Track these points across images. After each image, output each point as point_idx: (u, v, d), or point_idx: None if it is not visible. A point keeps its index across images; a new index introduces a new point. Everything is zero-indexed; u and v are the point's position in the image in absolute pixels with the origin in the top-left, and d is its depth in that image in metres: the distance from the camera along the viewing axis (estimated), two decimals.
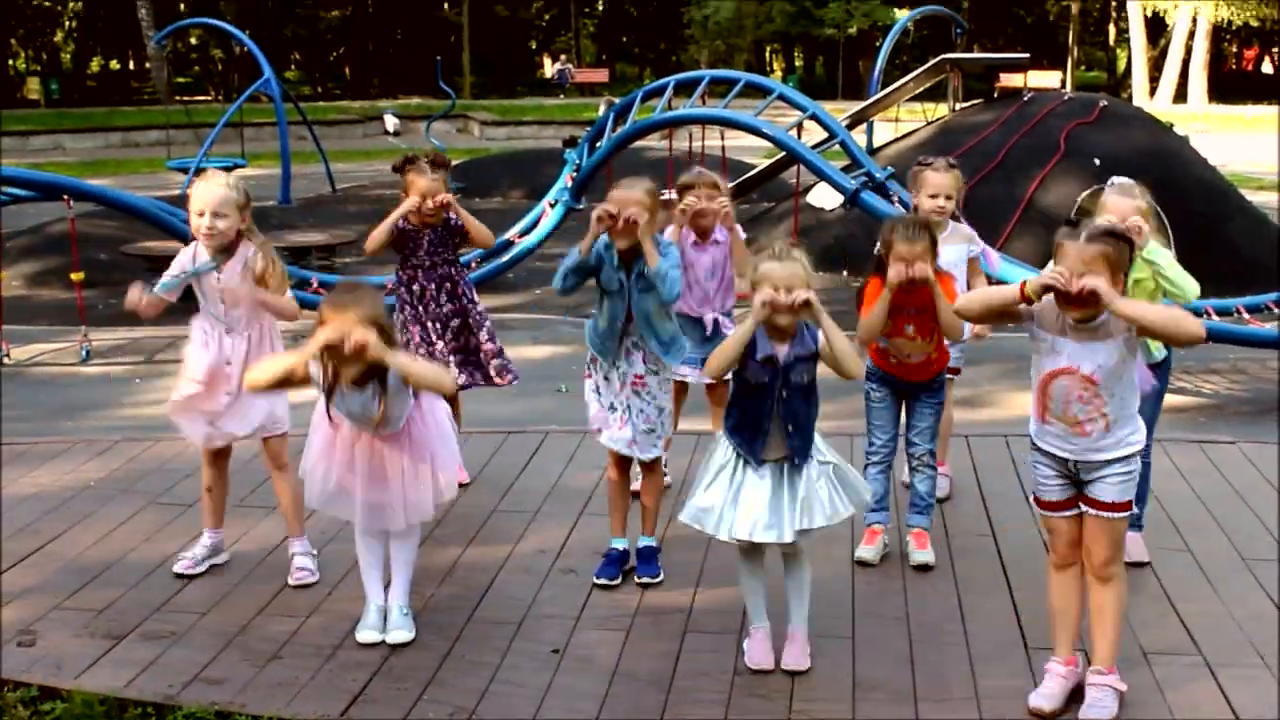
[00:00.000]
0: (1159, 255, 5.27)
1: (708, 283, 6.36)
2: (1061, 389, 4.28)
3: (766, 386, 4.69)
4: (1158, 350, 5.54)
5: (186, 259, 5.56)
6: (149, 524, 6.41)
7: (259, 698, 4.68)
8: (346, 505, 5.10)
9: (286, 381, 4.86)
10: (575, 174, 13.74)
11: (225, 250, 5.49)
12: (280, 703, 4.64)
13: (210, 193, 5.42)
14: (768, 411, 4.69)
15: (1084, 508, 4.42)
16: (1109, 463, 4.32)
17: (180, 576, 5.72)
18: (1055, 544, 4.57)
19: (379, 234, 6.55)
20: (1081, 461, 4.34)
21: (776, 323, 4.62)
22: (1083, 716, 4.40)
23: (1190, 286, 5.34)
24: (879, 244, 5.61)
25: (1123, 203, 5.26)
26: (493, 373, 6.85)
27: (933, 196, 6.24)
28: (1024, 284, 4.17)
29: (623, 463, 5.73)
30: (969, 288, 6.17)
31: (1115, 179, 5.55)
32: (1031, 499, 4.64)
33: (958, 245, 6.32)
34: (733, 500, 4.73)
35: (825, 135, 12.57)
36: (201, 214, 5.41)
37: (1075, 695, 4.50)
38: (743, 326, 4.67)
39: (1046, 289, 4.10)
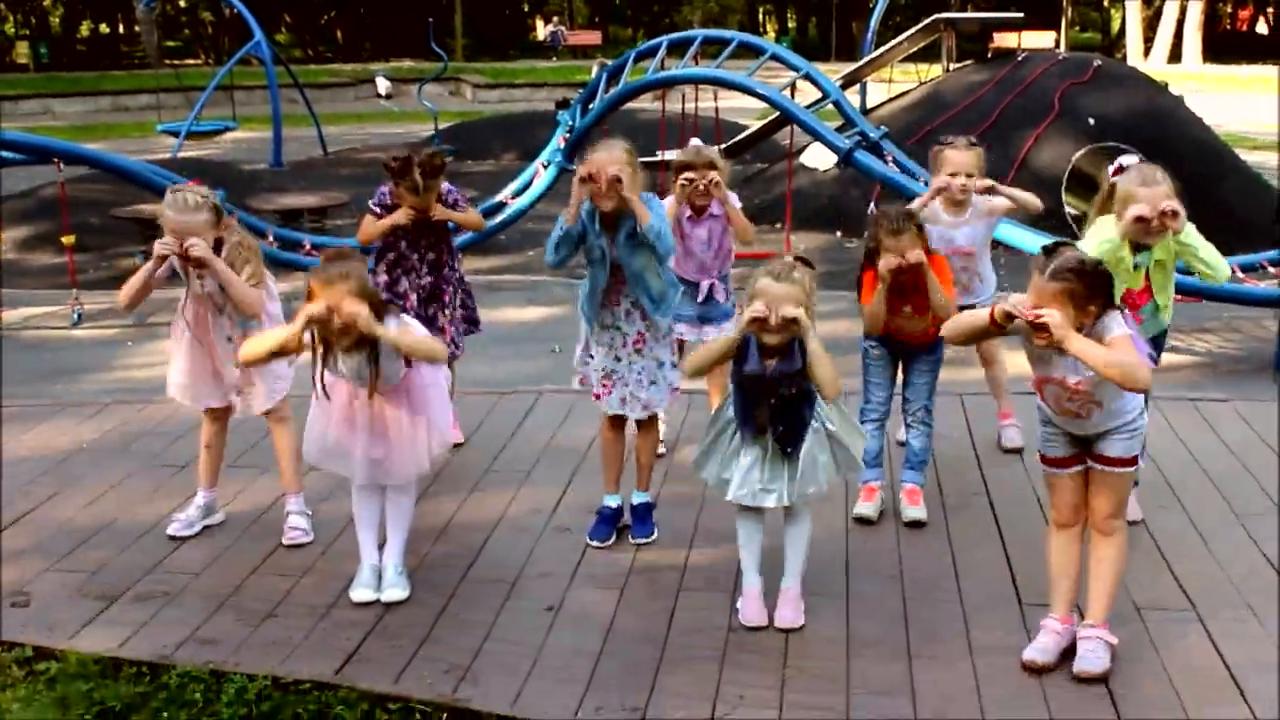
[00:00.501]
0: (1193, 237, 5.27)
1: (704, 254, 6.37)
2: (1053, 393, 4.37)
3: (758, 389, 4.69)
4: (1164, 318, 5.54)
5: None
6: (142, 486, 6.40)
7: (253, 657, 4.68)
8: (344, 462, 5.12)
9: (280, 353, 4.88)
10: (568, 135, 13.68)
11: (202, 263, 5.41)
12: (275, 661, 4.64)
13: (181, 222, 5.33)
14: (760, 409, 4.71)
15: (1089, 463, 4.44)
16: (1113, 429, 4.37)
17: (173, 538, 5.72)
18: (1057, 504, 4.57)
19: (374, 234, 6.50)
20: (1085, 435, 4.40)
21: (764, 340, 4.63)
22: (1077, 668, 4.41)
23: (1223, 268, 5.40)
24: (867, 237, 5.65)
25: (1154, 194, 5.18)
26: (460, 340, 6.74)
27: (953, 175, 6.25)
28: (993, 309, 4.22)
29: (617, 421, 5.72)
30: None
31: (1126, 161, 5.45)
32: (1037, 456, 4.62)
33: (978, 225, 6.34)
34: (734, 461, 4.76)
35: (819, 95, 12.51)
36: (176, 238, 5.34)
37: (1068, 652, 4.50)
38: (725, 337, 4.74)
39: (1009, 317, 4.14)
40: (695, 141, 6.56)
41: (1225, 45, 55.12)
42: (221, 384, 5.68)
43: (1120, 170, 5.40)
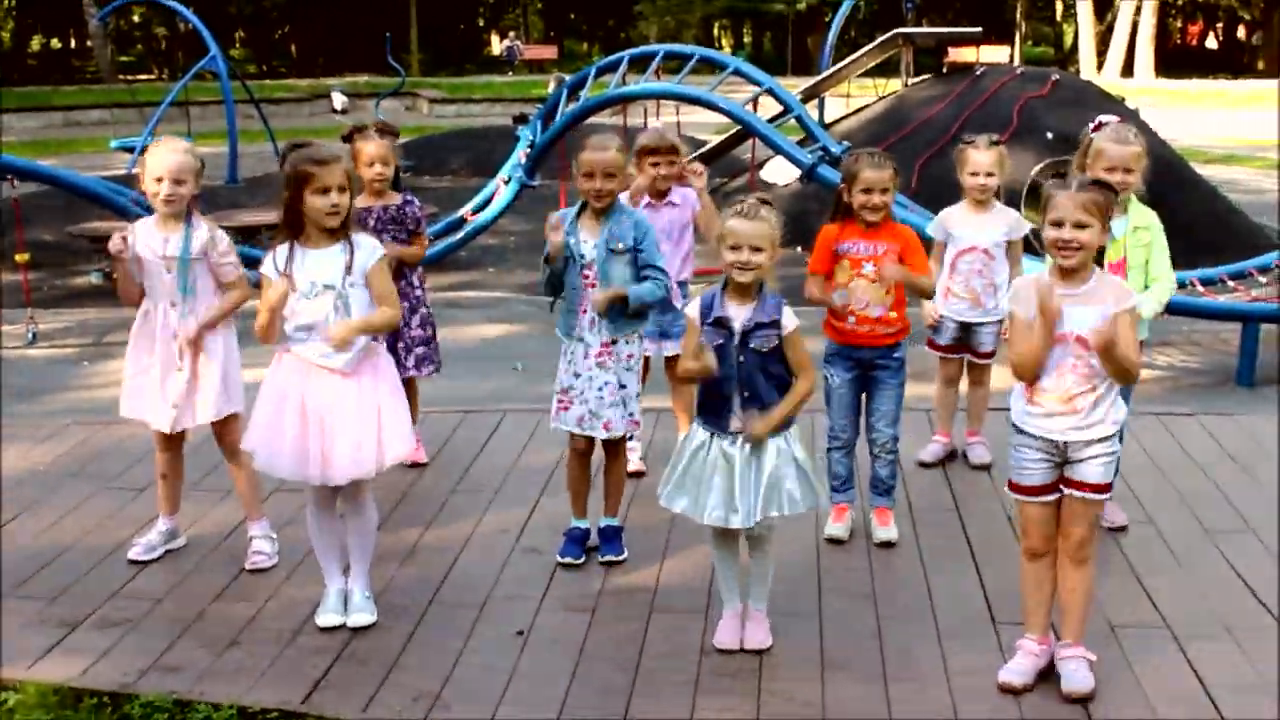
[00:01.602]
0: (1157, 232, 5.30)
1: (663, 245, 6.25)
2: (1056, 358, 4.25)
3: (722, 350, 4.59)
4: (1142, 330, 5.56)
5: (143, 238, 5.42)
6: (101, 509, 6.28)
7: (218, 685, 4.58)
8: (287, 459, 4.92)
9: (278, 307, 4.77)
10: (529, 150, 13.62)
11: (176, 218, 5.38)
12: (240, 690, 4.55)
13: (169, 159, 5.31)
14: (726, 376, 4.60)
15: (1065, 490, 4.38)
16: (1094, 442, 4.30)
17: (135, 563, 5.61)
18: (1030, 533, 4.50)
19: None
20: (1069, 442, 4.31)
21: (736, 281, 4.57)
22: (1065, 689, 4.38)
23: (1169, 278, 5.38)
24: (840, 177, 5.63)
25: (1123, 151, 5.23)
26: (411, 362, 6.62)
27: (973, 174, 6.27)
28: (1045, 316, 4.17)
29: (583, 444, 5.63)
30: (1011, 275, 6.32)
31: (1105, 119, 5.50)
32: (1006, 486, 4.54)
33: (999, 227, 6.37)
34: (705, 484, 4.67)
35: (779, 110, 12.51)
36: (160, 180, 5.30)
37: (1044, 673, 4.48)
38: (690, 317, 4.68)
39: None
40: (656, 125, 6.54)
41: (1176, 60, 55.78)
42: (164, 391, 5.47)
43: (1099, 127, 5.45)
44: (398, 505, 6.19)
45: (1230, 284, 10.32)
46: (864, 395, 5.78)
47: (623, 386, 5.50)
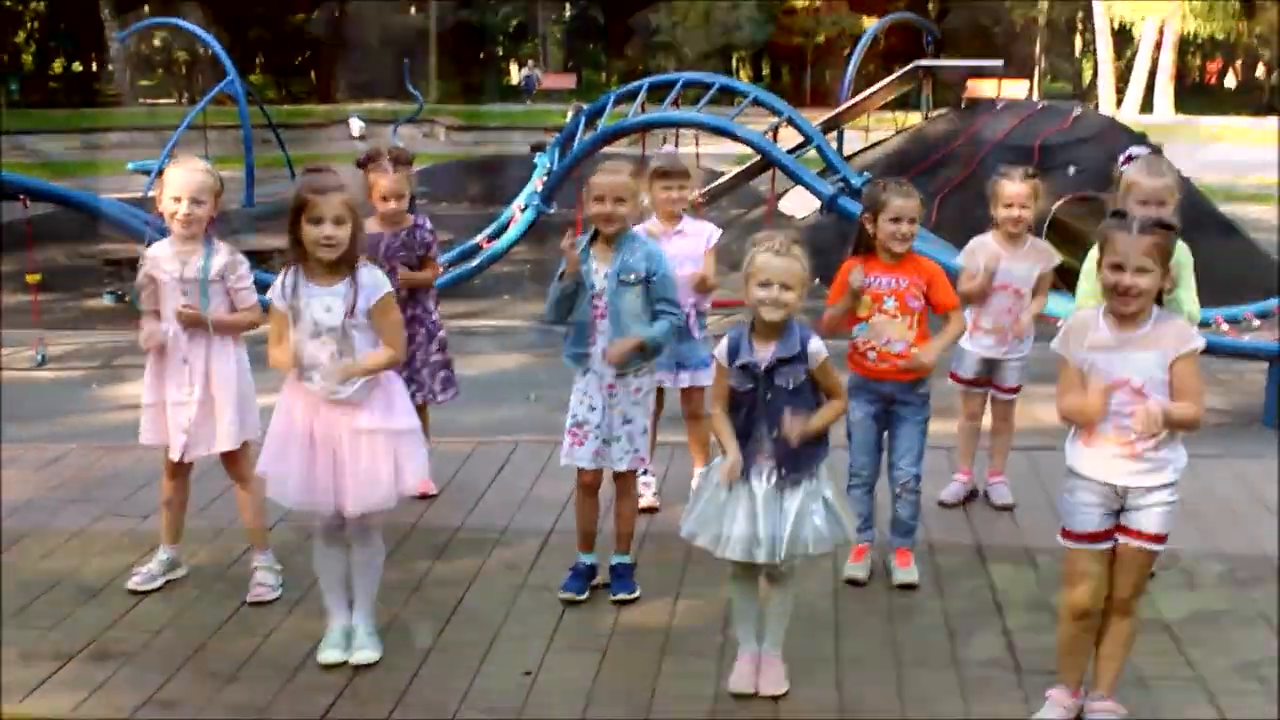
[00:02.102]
0: (1185, 268, 5.13)
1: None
2: (1114, 406, 4.06)
3: (751, 392, 4.49)
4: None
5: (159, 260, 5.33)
6: (102, 536, 6.16)
7: None
8: (297, 487, 4.80)
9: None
10: (546, 178, 13.53)
11: (194, 239, 5.26)
12: None
13: (189, 179, 5.24)
14: (754, 418, 4.49)
15: (1121, 539, 4.19)
16: (1156, 489, 4.11)
17: (134, 593, 5.47)
18: (1078, 587, 4.24)
19: None
20: (1130, 488, 4.13)
21: (764, 319, 4.44)
22: None
23: (1194, 314, 5.20)
24: (863, 209, 5.52)
25: (1156, 184, 5.09)
26: (437, 386, 6.57)
27: (1008, 206, 6.15)
28: (1097, 403, 4.06)
29: (591, 479, 5.48)
30: (1035, 307, 6.33)
31: (1136, 151, 5.37)
32: (1060, 534, 4.30)
33: (1031, 263, 6.26)
34: (728, 517, 4.52)
35: (799, 142, 12.41)
36: (179, 199, 5.21)
37: None
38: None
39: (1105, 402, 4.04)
40: (669, 148, 6.43)
41: (1195, 97, 55.64)
42: (175, 417, 5.35)
43: (1129, 159, 5.32)
44: (406, 538, 6.04)
45: (1256, 323, 10.15)
46: (885, 433, 5.62)
47: (628, 421, 5.35)
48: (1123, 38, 54.15)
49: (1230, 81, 64.90)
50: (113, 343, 10.96)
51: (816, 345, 4.49)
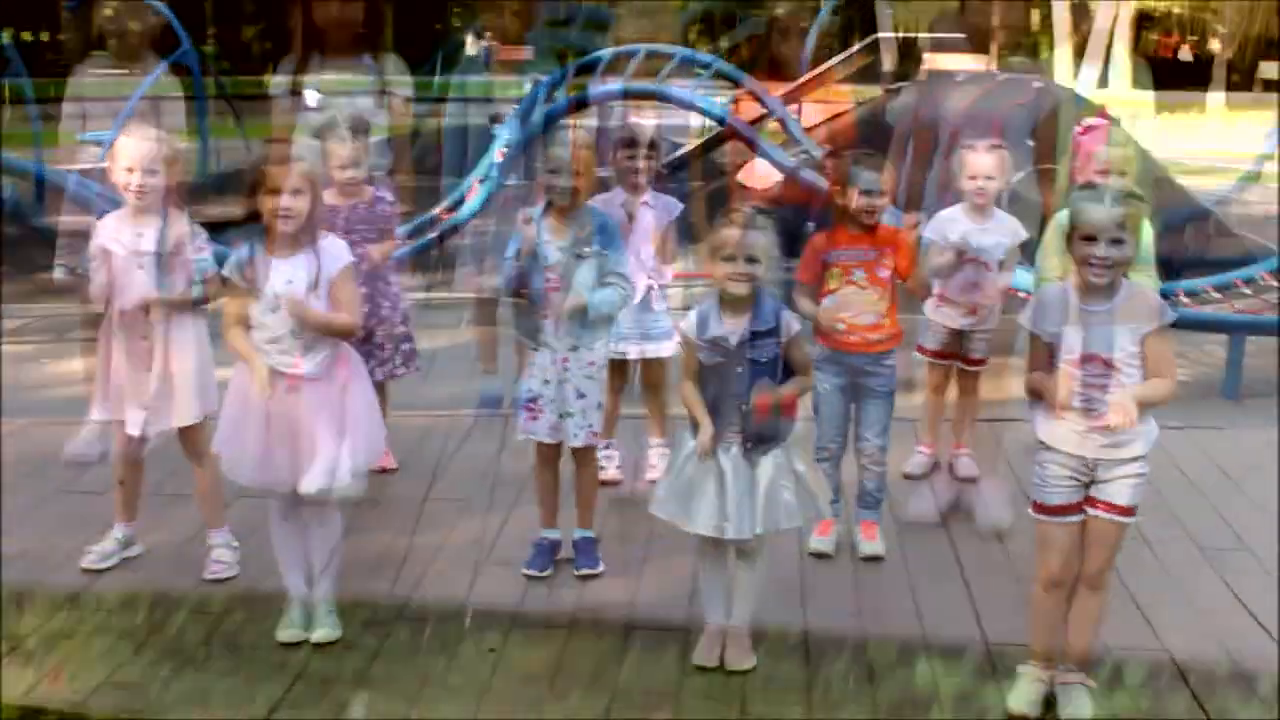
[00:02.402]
0: (1145, 239, 5.08)
1: (637, 243, 6.05)
2: (1080, 377, 4.03)
3: (720, 366, 4.44)
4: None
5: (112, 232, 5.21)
6: (55, 514, 6.03)
7: (173, 703, 4.37)
8: (252, 464, 4.74)
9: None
10: (505, 150, 13.40)
11: (149, 210, 5.14)
12: (197, 708, 4.33)
13: (139, 149, 5.11)
14: (724, 392, 4.44)
15: (1090, 511, 4.16)
16: (1126, 461, 4.10)
17: (88, 571, 5.36)
18: (1049, 560, 4.23)
19: None
20: (1100, 461, 4.10)
21: (732, 293, 4.38)
22: (1065, 715, 4.21)
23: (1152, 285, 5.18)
24: (830, 181, 5.50)
25: (1115, 154, 5.08)
26: (399, 359, 6.44)
27: (972, 178, 6.08)
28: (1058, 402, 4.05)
29: (550, 452, 5.42)
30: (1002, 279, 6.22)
31: (1092, 122, 5.35)
32: (1031, 507, 4.28)
33: (998, 237, 6.17)
34: (697, 492, 4.46)
35: (759, 114, 12.34)
36: (131, 170, 5.09)
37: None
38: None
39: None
40: (633, 119, 6.37)
41: (1152, 72, 55.88)
42: (134, 392, 5.24)
43: (1088, 130, 5.29)
44: (365, 514, 5.94)
45: (1216, 295, 10.16)
46: (853, 406, 5.58)
47: (581, 396, 5.27)
48: (1079, 12, 54.31)
49: (1186, 55, 65.29)
50: (64, 317, 10.76)
51: (790, 318, 4.44)
